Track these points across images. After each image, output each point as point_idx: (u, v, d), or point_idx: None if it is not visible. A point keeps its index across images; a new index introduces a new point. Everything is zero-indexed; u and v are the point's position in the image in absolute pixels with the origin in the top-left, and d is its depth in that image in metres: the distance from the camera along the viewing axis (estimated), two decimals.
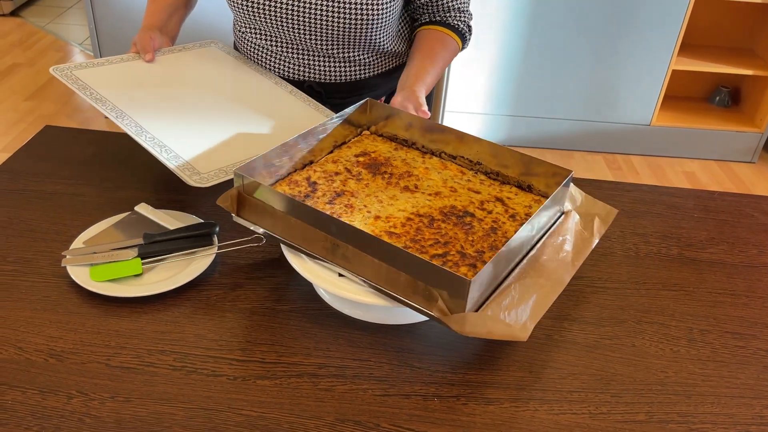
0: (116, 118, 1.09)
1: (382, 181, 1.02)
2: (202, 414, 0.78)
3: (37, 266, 0.98)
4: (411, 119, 1.09)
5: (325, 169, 1.04)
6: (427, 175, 1.04)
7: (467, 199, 0.99)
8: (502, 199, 0.99)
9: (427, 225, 0.93)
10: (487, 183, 1.03)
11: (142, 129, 1.07)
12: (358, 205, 0.96)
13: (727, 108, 3.25)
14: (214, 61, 1.35)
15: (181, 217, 1.07)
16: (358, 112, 1.11)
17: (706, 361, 0.91)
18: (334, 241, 0.86)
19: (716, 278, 1.07)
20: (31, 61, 3.67)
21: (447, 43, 1.28)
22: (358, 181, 1.01)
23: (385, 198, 0.98)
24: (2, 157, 2.76)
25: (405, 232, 0.91)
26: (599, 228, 1.01)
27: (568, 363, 0.89)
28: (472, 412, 0.81)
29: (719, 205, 1.26)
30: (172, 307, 0.93)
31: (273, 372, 0.84)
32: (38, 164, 1.22)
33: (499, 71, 2.97)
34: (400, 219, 0.94)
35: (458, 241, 0.90)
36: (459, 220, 0.94)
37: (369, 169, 1.04)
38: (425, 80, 1.20)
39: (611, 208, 1.05)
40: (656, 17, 2.81)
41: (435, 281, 0.79)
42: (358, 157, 1.07)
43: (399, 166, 1.06)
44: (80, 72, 1.19)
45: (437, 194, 1.00)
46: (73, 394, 0.80)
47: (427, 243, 0.89)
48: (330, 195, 0.98)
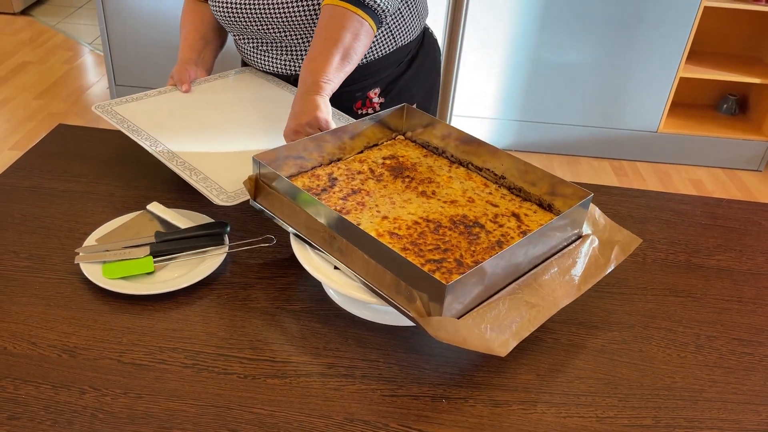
0: (150, 147, 1.10)
1: (402, 184, 1.02)
2: (212, 411, 0.79)
3: (51, 263, 0.99)
4: (449, 130, 1.08)
5: (350, 167, 1.05)
6: (449, 184, 1.03)
7: (482, 211, 0.98)
8: (519, 215, 0.97)
9: (432, 230, 0.92)
10: (508, 198, 1.01)
11: (174, 155, 1.07)
12: (370, 203, 0.97)
13: (734, 116, 3.25)
14: (250, 87, 1.36)
15: (192, 217, 1.08)
16: (395, 117, 1.12)
17: (713, 367, 0.92)
18: (331, 233, 0.87)
19: (723, 285, 1.08)
20: (41, 59, 3.70)
21: (351, 26, 1.11)
22: (378, 182, 1.01)
23: (398, 200, 0.98)
24: (13, 154, 2.78)
25: (408, 234, 0.91)
26: (617, 256, 0.97)
27: (575, 367, 0.90)
28: (480, 413, 0.82)
29: (726, 213, 1.27)
30: (183, 305, 0.94)
31: (283, 371, 0.85)
32: (51, 162, 1.23)
33: (507, 76, 2.97)
34: (407, 222, 0.94)
35: (459, 249, 0.89)
36: (467, 229, 0.93)
37: (392, 171, 1.05)
38: (330, 80, 1.09)
39: (635, 237, 1.01)
40: (664, 24, 2.81)
41: (416, 283, 0.79)
42: (386, 159, 1.08)
43: (423, 172, 1.05)
44: (120, 107, 1.23)
45: (453, 202, 0.99)
46: (86, 389, 0.81)
47: (426, 247, 0.89)
48: (346, 191, 0.98)
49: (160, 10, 2.85)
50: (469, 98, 3.03)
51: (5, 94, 3.30)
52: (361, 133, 1.08)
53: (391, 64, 1.35)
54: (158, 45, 2.94)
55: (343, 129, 1.05)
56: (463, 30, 2.86)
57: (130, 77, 3.05)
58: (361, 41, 1.12)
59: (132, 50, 2.97)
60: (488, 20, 2.83)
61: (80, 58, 3.77)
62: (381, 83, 1.35)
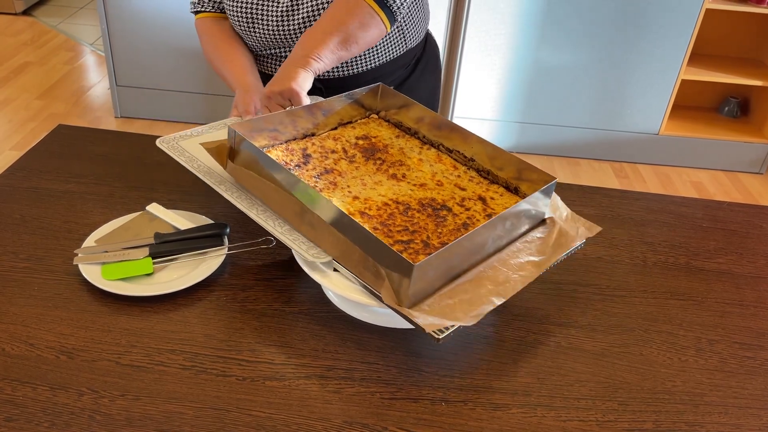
0: (225, 192, 0.99)
1: (373, 166, 1.04)
2: (211, 414, 0.79)
3: (49, 264, 0.99)
4: (423, 113, 1.10)
5: (324, 144, 1.06)
6: (419, 167, 1.05)
7: (449, 194, 1.00)
8: (485, 199, 1.00)
9: (401, 212, 0.94)
10: (476, 180, 1.03)
11: (253, 202, 0.98)
12: (342, 184, 0.98)
13: (735, 118, 3.24)
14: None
15: (192, 218, 1.07)
16: (369, 96, 1.14)
17: (713, 371, 0.91)
18: (303, 206, 0.88)
19: (724, 288, 1.07)
20: (42, 60, 3.70)
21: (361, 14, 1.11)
22: (350, 163, 1.03)
23: (369, 182, 1.00)
24: (13, 155, 2.78)
25: (378, 215, 0.93)
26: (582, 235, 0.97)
27: (575, 370, 0.89)
28: (479, 417, 0.81)
29: (728, 216, 1.27)
30: (182, 306, 0.94)
31: (282, 373, 0.85)
32: (51, 163, 1.23)
33: (508, 78, 2.97)
34: (377, 203, 0.96)
35: (426, 231, 0.91)
36: (434, 212, 0.95)
37: (364, 153, 1.06)
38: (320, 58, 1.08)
39: (594, 225, 1.01)
40: (666, 27, 2.81)
41: (384, 261, 0.80)
42: (359, 139, 1.09)
43: (394, 155, 1.07)
44: (185, 142, 1.11)
45: (422, 186, 1.01)
46: (84, 391, 0.80)
47: (395, 228, 0.91)
48: (319, 170, 1.00)
49: (161, 10, 2.85)
50: (471, 100, 3.03)
51: (6, 94, 3.31)
52: (336, 110, 1.10)
53: (401, 66, 1.36)
54: (160, 46, 2.94)
55: (318, 105, 1.06)
56: (465, 32, 2.86)
57: (132, 78, 3.05)
58: (368, 33, 1.12)
59: (133, 51, 2.96)
60: (489, 22, 2.83)
61: (81, 59, 3.77)
62: (390, 86, 1.36)
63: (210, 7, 1.29)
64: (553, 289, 1.03)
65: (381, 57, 1.30)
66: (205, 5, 1.29)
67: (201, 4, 1.30)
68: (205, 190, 1.03)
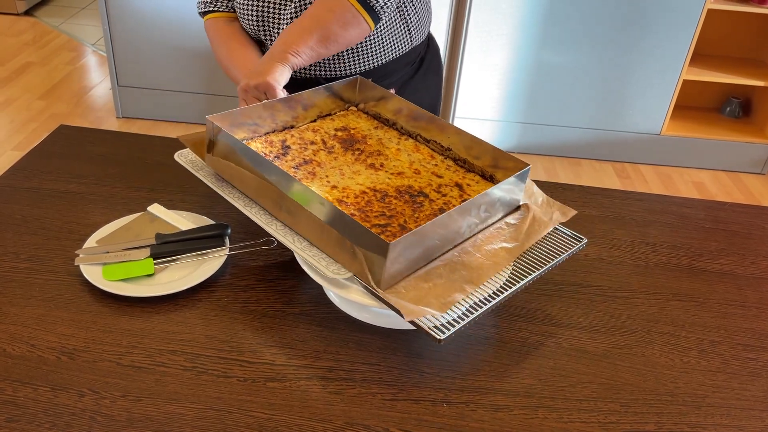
0: (243, 207, 0.97)
1: (351, 157, 1.05)
2: (212, 415, 0.79)
3: (51, 264, 0.99)
4: (401, 105, 1.11)
5: (303, 136, 1.07)
6: (397, 156, 1.06)
7: (427, 182, 1.01)
8: (462, 185, 1.01)
9: (378, 199, 0.95)
10: (453, 169, 1.05)
11: (272, 218, 0.95)
12: (320, 174, 0.99)
13: (737, 119, 3.24)
14: None
15: (193, 218, 1.07)
16: (348, 89, 1.15)
17: (716, 373, 0.91)
18: (281, 193, 0.89)
19: (726, 289, 1.07)
20: (44, 60, 3.70)
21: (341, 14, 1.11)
22: (329, 154, 1.04)
23: (348, 172, 1.01)
24: (15, 155, 2.78)
25: (355, 202, 0.94)
26: (556, 219, 0.99)
27: (577, 371, 0.89)
28: (480, 418, 0.81)
29: (730, 216, 1.26)
30: (183, 307, 0.93)
31: (283, 374, 0.85)
32: (52, 163, 1.23)
33: (509, 78, 2.97)
34: (355, 191, 0.96)
35: (403, 216, 0.93)
36: (411, 198, 0.96)
37: (343, 144, 1.07)
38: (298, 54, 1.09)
39: (569, 208, 1.02)
40: (668, 27, 2.81)
41: (360, 241, 0.81)
42: (338, 131, 1.10)
43: (372, 145, 1.08)
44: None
45: (400, 174, 1.02)
46: (85, 392, 0.80)
47: (372, 214, 0.92)
48: (298, 161, 1.01)
49: (163, 11, 2.85)
50: (472, 100, 3.03)
51: (8, 94, 3.31)
52: (315, 103, 1.11)
53: (406, 64, 1.36)
54: (161, 46, 2.94)
55: (297, 98, 1.07)
56: (466, 32, 2.86)
57: (133, 78, 3.05)
58: (348, 32, 1.13)
59: (135, 51, 2.96)
60: (491, 22, 2.83)
61: (83, 59, 3.77)
62: (395, 84, 1.36)
63: (223, 7, 1.28)
64: (554, 290, 1.02)
65: (387, 54, 1.30)
66: (216, 5, 1.29)
67: (212, 3, 1.29)
68: (207, 191, 1.02)
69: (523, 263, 0.92)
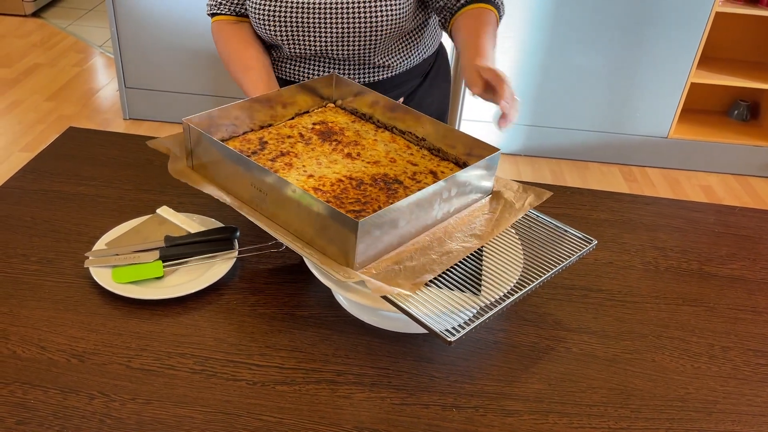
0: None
1: (329, 147, 1.06)
2: (221, 418, 0.79)
3: (60, 267, 0.99)
4: (377, 98, 1.13)
5: (280, 132, 1.09)
6: (374, 146, 1.07)
7: (402, 170, 1.02)
8: (436, 173, 1.02)
9: (354, 187, 0.97)
10: (428, 158, 1.06)
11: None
12: (297, 164, 1.00)
13: (745, 122, 3.22)
14: None
15: (202, 221, 1.07)
16: (325, 85, 1.17)
17: (727, 378, 0.90)
18: (257, 184, 0.90)
19: (737, 294, 1.06)
20: (52, 62, 3.72)
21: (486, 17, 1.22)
22: (306, 145, 1.06)
23: (325, 161, 1.02)
24: (23, 156, 2.79)
25: (331, 190, 0.95)
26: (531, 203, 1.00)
27: (587, 377, 0.89)
28: (490, 423, 0.81)
29: (740, 221, 1.26)
30: (192, 310, 0.93)
31: (292, 378, 0.85)
32: (62, 165, 1.23)
33: (516, 81, 2.96)
34: (331, 180, 0.98)
35: (378, 202, 0.94)
36: (386, 185, 0.98)
37: (320, 136, 1.09)
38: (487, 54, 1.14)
39: (544, 191, 1.02)
40: (676, 30, 2.80)
41: (332, 222, 0.83)
42: (315, 125, 1.12)
43: (350, 136, 1.10)
44: None
45: (376, 163, 1.03)
46: (95, 394, 0.80)
47: (348, 200, 0.93)
48: (275, 153, 1.02)
49: (170, 12, 2.86)
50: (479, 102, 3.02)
51: (16, 96, 3.32)
52: (292, 101, 1.13)
53: (417, 75, 1.36)
54: (169, 47, 2.94)
55: (274, 97, 1.08)
56: None
57: (141, 80, 3.06)
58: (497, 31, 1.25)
59: (142, 53, 2.97)
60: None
61: (91, 61, 3.79)
62: (404, 94, 1.36)
63: (227, 10, 1.28)
64: (564, 295, 1.02)
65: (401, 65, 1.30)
66: (223, 8, 1.28)
67: (218, 6, 1.29)
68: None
69: (533, 265, 0.92)
